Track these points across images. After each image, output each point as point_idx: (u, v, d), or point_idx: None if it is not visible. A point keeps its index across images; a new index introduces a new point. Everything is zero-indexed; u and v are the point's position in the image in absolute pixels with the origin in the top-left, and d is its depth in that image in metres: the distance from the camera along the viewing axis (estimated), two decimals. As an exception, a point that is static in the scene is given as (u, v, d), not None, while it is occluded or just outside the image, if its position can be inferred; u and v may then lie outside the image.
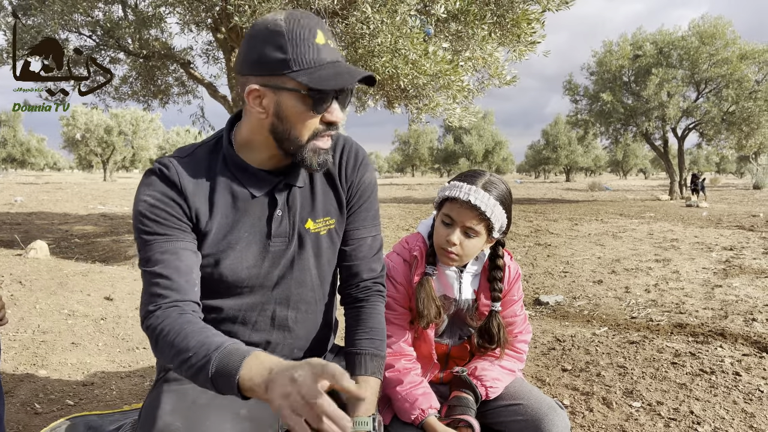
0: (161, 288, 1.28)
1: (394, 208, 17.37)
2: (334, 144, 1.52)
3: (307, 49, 1.22)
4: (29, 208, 14.48)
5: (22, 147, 53.62)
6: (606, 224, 12.17)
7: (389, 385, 1.69)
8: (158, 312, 1.26)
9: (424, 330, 1.77)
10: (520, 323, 1.87)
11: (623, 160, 69.52)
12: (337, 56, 1.26)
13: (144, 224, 1.31)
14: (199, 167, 1.38)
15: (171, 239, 1.32)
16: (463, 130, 54.70)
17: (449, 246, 1.68)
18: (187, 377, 1.19)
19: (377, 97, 7.34)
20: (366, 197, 1.55)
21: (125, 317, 4.32)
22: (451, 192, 1.68)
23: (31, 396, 2.81)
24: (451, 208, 1.69)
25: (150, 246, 1.31)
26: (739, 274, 6.31)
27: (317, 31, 1.23)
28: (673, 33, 23.49)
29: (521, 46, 6.27)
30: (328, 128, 1.31)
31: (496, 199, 1.67)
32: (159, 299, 1.28)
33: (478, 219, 1.66)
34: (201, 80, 8.58)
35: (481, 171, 1.74)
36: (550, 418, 1.61)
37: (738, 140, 22.98)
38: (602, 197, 25.88)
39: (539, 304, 5.13)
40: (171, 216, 1.33)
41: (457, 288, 1.80)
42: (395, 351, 1.74)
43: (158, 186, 1.34)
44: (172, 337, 1.21)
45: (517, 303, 1.87)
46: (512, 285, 1.84)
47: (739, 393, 2.97)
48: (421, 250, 1.79)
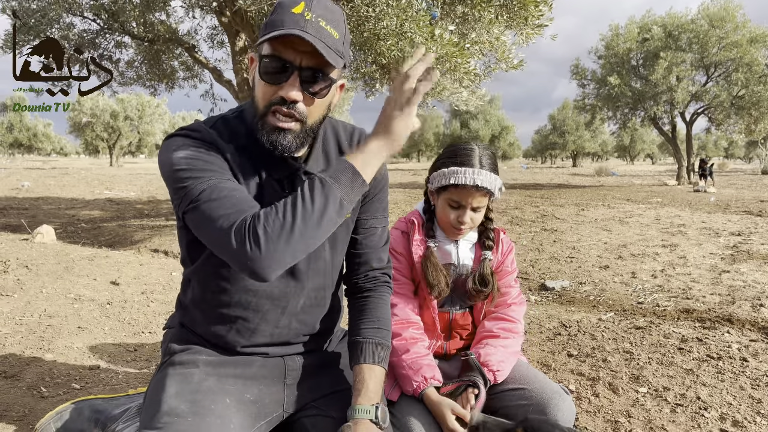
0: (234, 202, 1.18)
1: (400, 193, 17.34)
2: (350, 134, 1.50)
3: (278, 16, 1.21)
4: (36, 193, 14.53)
5: (29, 132, 53.84)
6: (613, 209, 12.11)
7: (395, 354, 1.70)
8: (255, 212, 1.15)
9: (428, 298, 1.82)
10: (515, 295, 1.93)
11: (630, 145, 69.22)
12: (302, 25, 1.18)
13: (190, 170, 1.22)
14: (224, 136, 1.34)
15: (227, 179, 1.24)
16: (470, 115, 54.46)
17: (462, 225, 1.77)
18: (309, 219, 1.12)
19: (384, 81, 7.28)
20: (379, 188, 1.55)
21: (131, 302, 4.33)
22: (456, 179, 1.71)
23: (37, 380, 2.82)
24: (457, 193, 1.74)
25: (203, 182, 1.20)
26: (747, 259, 6.27)
27: (300, 2, 1.21)
28: (682, 16, 23.23)
29: (528, 29, 6.19)
30: (282, 103, 1.24)
31: (491, 170, 1.73)
32: (244, 212, 1.16)
33: (483, 195, 1.74)
34: (206, 64, 8.55)
35: (468, 147, 1.77)
36: (556, 402, 1.61)
37: (747, 125, 22.79)
38: (609, 182, 25.75)
39: (545, 289, 5.12)
40: (218, 164, 1.26)
41: (455, 254, 1.87)
42: (402, 319, 1.76)
43: (196, 141, 1.28)
44: (275, 208, 1.14)
45: (512, 275, 1.93)
46: (505, 256, 1.92)
47: (746, 379, 2.95)
48: (418, 222, 1.87)
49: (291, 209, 1.12)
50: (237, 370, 1.44)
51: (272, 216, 1.12)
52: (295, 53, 1.21)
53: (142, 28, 7.77)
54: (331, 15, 1.24)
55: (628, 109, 25.07)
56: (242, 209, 1.15)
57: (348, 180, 1.16)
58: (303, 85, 1.24)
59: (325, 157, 1.44)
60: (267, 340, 1.47)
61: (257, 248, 1.09)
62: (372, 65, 6.50)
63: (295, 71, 1.22)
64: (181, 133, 1.30)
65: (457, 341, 1.93)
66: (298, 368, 1.51)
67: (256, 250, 1.10)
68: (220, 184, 1.20)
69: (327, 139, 1.46)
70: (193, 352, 1.44)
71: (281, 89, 1.23)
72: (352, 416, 1.34)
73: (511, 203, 13.03)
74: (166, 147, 1.28)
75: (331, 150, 1.46)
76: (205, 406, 1.29)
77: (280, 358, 1.50)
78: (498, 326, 1.83)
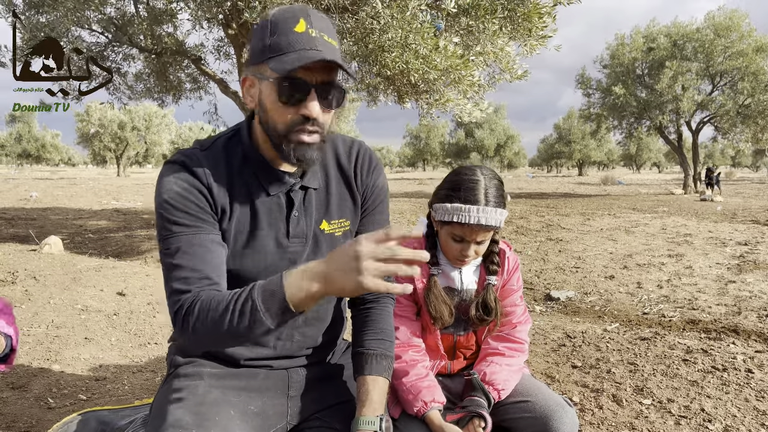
0: (190, 272, 1.26)
1: (405, 203, 17.35)
2: (348, 148, 1.52)
3: (283, 37, 1.22)
4: (44, 204, 14.63)
5: (37, 143, 54.21)
6: (618, 219, 12.08)
7: (395, 377, 1.69)
8: (192, 291, 1.24)
9: (429, 321, 1.80)
10: (520, 313, 1.89)
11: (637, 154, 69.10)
12: (313, 44, 1.22)
13: (170, 213, 1.29)
14: (219, 160, 1.37)
15: (200, 231, 1.30)
16: (475, 125, 54.41)
17: (465, 258, 1.75)
18: (237, 332, 1.16)
19: (388, 92, 7.32)
20: (380, 201, 1.56)
21: (137, 312, 4.36)
22: (459, 217, 1.67)
23: (44, 391, 2.85)
24: (461, 229, 1.70)
25: (177, 237, 1.28)
26: (754, 269, 6.25)
27: (300, 20, 1.22)
28: (687, 25, 23.25)
29: (532, 40, 6.21)
30: (305, 122, 1.27)
31: (497, 205, 1.69)
32: (189, 283, 1.25)
33: (488, 231, 1.72)
34: (212, 76, 8.62)
35: (474, 179, 1.71)
36: (559, 415, 1.60)
37: (754, 134, 22.74)
38: (615, 191, 25.69)
39: (550, 299, 5.11)
40: (198, 207, 1.31)
41: (458, 279, 1.84)
42: (403, 342, 1.76)
43: (183, 175, 1.32)
44: (210, 305, 1.20)
45: (517, 293, 1.90)
46: (511, 274, 1.88)
47: (751, 390, 2.94)
48: (421, 244, 1.84)
49: (220, 319, 1.17)
50: (241, 382, 1.45)
51: (203, 315, 1.19)
52: (309, 72, 1.24)
53: (149, 41, 7.84)
54: (327, 26, 1.27)
55: (634, 119, 25.06)
56: (190, 285, 1.25)
57: (277, 312, 1.13)
58: (321, 101, 1.27)
59: (323, 171, 1.46)
60: (270, 353, 1.48)
61: (187, 334, 1.23)
62: (376, 77, 6.54)
63: (312, 89, 1.25)
64: (178, 161, 1.34)
65: (461, 361, 1.93)
66: (302, 380, 1.52)
67: (186, 334, 1.23)
68: (191, 241, 1.28)
69: (325, 153, 1.48)
70: (197, 365, 1.46)
71: (301, 109, 1.26)
72: (356, 427, 1.35)
73: (516, 213, 13.01)
74: (161, 175, 1.34)
75: (329, 163, 1.48)
76: (209, 417, 1.30)
77: (284, 370, 1.51)
78: (503, 345, 1.82)
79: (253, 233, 1.38)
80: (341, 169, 1.49)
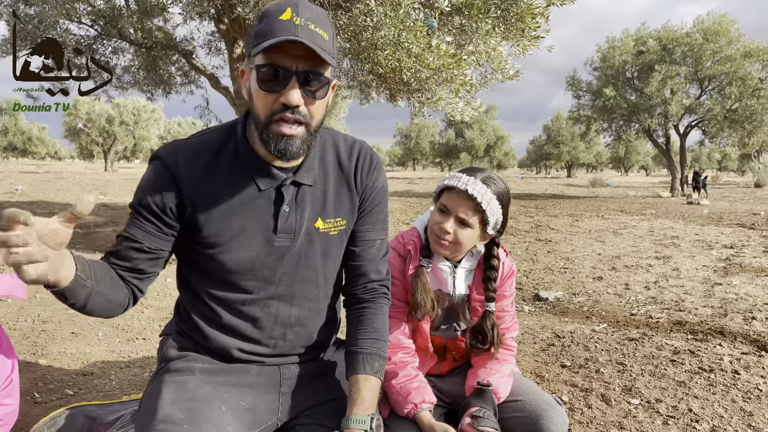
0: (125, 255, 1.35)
1: (395, 201, 17.36)
2: (350, 147, 1.51)
3: (268, 25, 1.21)
4: (30, 197, 14.49)
5: (24, 136, 53.64)
6: (607, 221, 12.15)
7: (385, 379, 1.68)
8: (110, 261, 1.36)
9: (420, 323, 1.79)
10: (509, 319, 1.89)
11: (625, 157, 69.53)
12: (294, 30, 1.19)
13: (133, 211, 1.38)
14: (207, 149, 1.37)
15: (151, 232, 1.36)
16: (465, 125, 54.56)
17: (443, 234, 1.71)
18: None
19: (380, 90, 7.32)
20: (378, 201, 1.55)
21: (125, 307, 4.32)
22: (450, 182, 1.72)
23: (30, 385, 2.82)
24: (448, 197, 1.72)
25: (132, 225, 1.37)
26: (740, 272, 6.31)
27: (286, 9, 1.21)
28: (677, 30, 23.45)
29: (525, 40, 6.24)
30: (284, 110, 1.25)
31: (493, 194, 1.70)
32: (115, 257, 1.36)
33: (473, 210, 1.69)
34: (203, 71, 8.57)
35: (483, 168, 1.77)
36: (549, 414, 1.61)
37: (740, 138, 22.99)
38: (603, 193, 25.85)
39: (539, 299, 5.13)
40: (160, 208, 1.35)
41: (451, 283, 1.82)
42: (392, 343, 1.75)
43: (156, 177, 1.35)
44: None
45: (508, 299, 1.89)
46: (505, 281, 1.86)
47: (737, 391, 2.97)
48: (416, 245, 1.82)
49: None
50: (233, 377, 1.44)
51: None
52: (290, 59, 1.22)
53: (139, 34, 7.79)
54: (318, 17, 1.26)
55: (623, 121, 25.23)
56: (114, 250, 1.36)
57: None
58: (302, 89, 1.24)
59: (322, 169, 1.45)
60: (263, 350, 1.47)
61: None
62: (368, 74, 6.53)
63: (293, 76, 1.23)
64: (161, 157, 1.37)
65: (451, 362, 1.93)
66: (294, 377, 1.52)
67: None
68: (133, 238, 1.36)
69: (326, 151, 1.47)
70: (189, 360, 1.45)
71: (281, 96, 1.23)
72: (347, 426, 1.34)
73: (505, 213, 13.04)
74: (147, 169, 1.41)
75: (329, 162, 1.47)
76: (200, 413, 1.29)
77: (275, 366, 1.50)
78: (499, 351, 1.83)
79: (238, 223, 1.37)
80: (341, 167, 1.48)
